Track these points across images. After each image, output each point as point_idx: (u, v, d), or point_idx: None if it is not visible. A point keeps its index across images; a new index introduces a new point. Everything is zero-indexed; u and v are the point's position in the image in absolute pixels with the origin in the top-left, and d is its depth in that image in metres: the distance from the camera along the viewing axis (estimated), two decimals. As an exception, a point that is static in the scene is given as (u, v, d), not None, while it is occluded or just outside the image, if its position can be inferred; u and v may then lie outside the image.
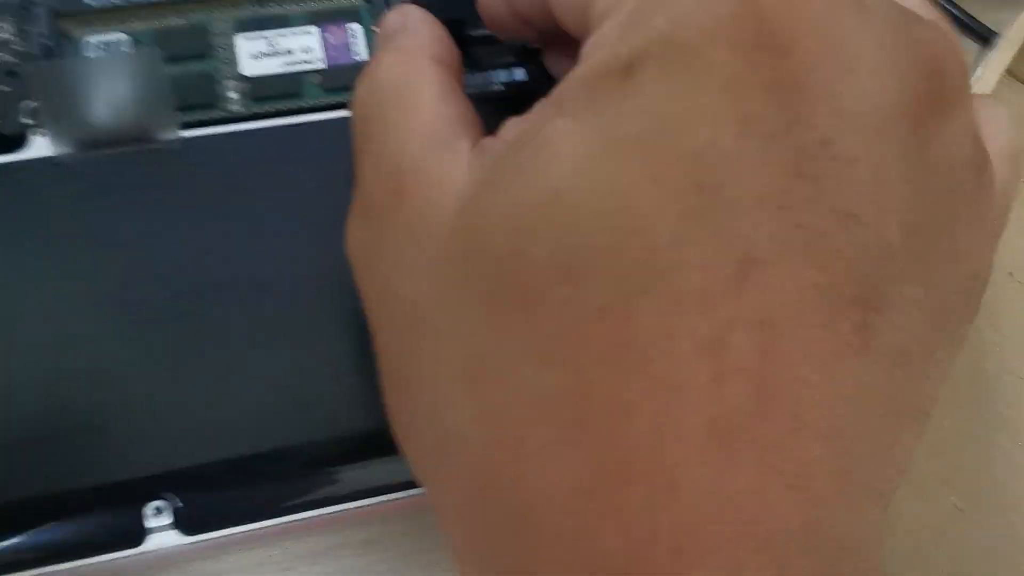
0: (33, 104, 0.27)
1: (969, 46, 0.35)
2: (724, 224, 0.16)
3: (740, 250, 0.16)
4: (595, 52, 0.18)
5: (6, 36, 0.28)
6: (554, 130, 0.17)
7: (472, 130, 0.20)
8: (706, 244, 0.16)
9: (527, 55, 0.29)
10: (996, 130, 0.20)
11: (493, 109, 0.21)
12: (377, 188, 0.21)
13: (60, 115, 0.25)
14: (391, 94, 0.21)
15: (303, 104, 0.28)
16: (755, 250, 0.16)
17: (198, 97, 0.28)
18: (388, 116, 0.21)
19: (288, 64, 0.29)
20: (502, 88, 0.29)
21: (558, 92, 0.18)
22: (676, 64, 0.16)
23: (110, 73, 0.25)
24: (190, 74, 0.28)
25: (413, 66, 0.22)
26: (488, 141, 0.19)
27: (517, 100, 0.21)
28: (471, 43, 0.28)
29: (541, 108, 0.18)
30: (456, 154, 0.19)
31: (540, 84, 0.24)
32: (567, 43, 0.24)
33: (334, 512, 0.26)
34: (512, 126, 0.19)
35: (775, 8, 0.16)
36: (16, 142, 0.27)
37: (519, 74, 0.29)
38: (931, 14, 0.19)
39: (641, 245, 0.16)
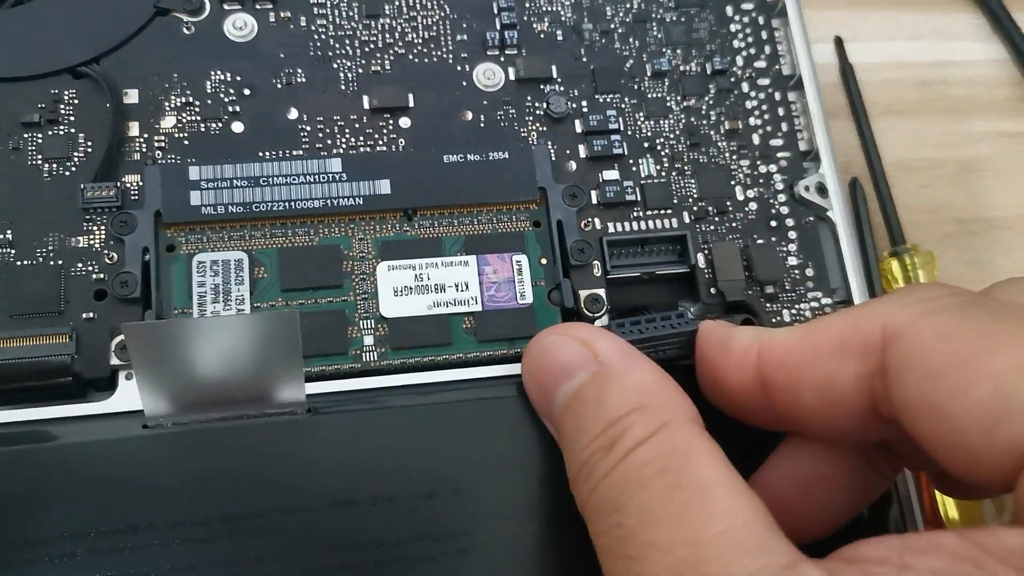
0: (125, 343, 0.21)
1: None
2: None
3: None
4: None
5: (96, 244, 0.23)
6: None
7: (788, 539, 0.15)
8: None
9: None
10: None
11: None
12: None
13: (160, 378, 0.20)
14: (667, 481, 0.16)
15: (449, 356, 0.23)
16: None
17: (326, 343, 0.22)
18: (675, 517, 0.16)
19: (436, 305, 0.23)
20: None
21: (1013, 553, 0.13)
22: None
23: (229, 336, 0.19)
24: (318, 311, 0.23)
25: (682, 439, 0.17)
26: None
27: None
28: None
29: (985, 568, 0.14)
30: None
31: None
32: (817, 435, 0.20)
33: None
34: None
35: None
36: (103, 386, 0.22)
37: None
38: None
39: None
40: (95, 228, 0.23)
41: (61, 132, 0.23)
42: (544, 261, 0.24)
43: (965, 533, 0.14)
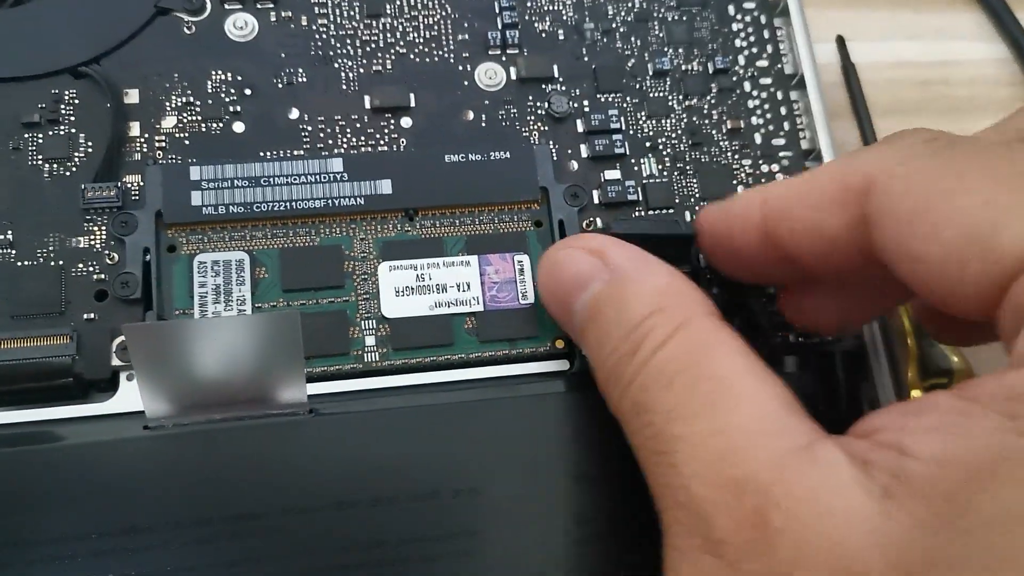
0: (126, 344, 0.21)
1: None
2: None
3: None
4: None
5: (97, 245, 0.22)
6: None
7: (810, 419, 0.16)
8: None
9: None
10: None
11: None
12: (729, 516, 0.15)
13: (161, 379, 0.19)
14: (691, 377, 0.17)
15: (451, 356, 0.23)
16: None
17: (328, 344, 0.22)
18: (701, 409, 0.17)
19: (438, 305, 0.23)
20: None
21: (1006, 403, 0.14)
22: None
23: (230, 336, 0.19)
24: (319, 312, 0.22)
25: (701, 336, 0.18)
26: (875, 453, 0.15)
27: None
28: None
29: (981, 418, 0.14)
30: (827, 467, 0.15)
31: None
32: (815, 286, 0.21)
33: None
34: (922, 436, 0.15)
35: None
36: (104, 387, 0.22)
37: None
38: None
39: None
40: (96, 228, 0.23)
41: (61, 132, 0.23)
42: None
43: (957, 389, 0.15)
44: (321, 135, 0.24)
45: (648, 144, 0.26)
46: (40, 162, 0.23)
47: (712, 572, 0.16)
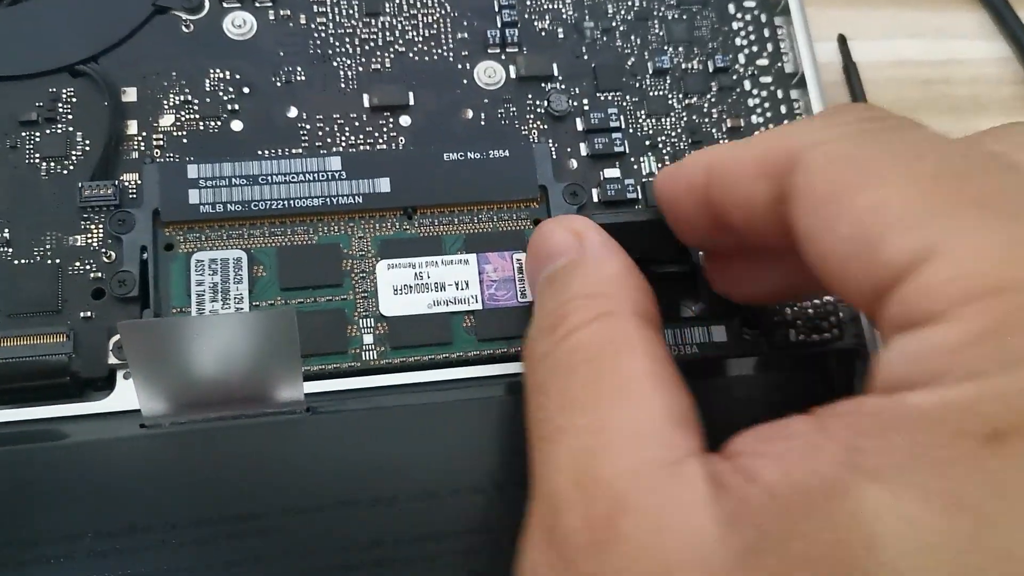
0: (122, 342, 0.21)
1: None
2: None
3: None
4: (933, 375, 0.13)
5: (94, 243, 0.22)
6: (867, 504, 0.12)
7: (694, 434, 0.16)
8: None
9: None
10: None
11: None
12: (578, 514, 0.15)
13: (157, 377, 0.19)
14: (592, 369, 0.17)
15: (449, 355, 0.23)
16: None
17: (326, 342, 0.22)
18: (589, 404, 0.16)
19: (436, 303, 0.23)
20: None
21: (850, 432, 0.13)
22: None
23: (227, 334, 0.19)
24: (317, 310, 0.22)
25: (618, 330, 0.17)
26: (731, 476, 0.14)
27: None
28: None
29: (821, 449, 0.13)
30: (685, 485, 0.15)
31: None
32: (748, 254, 0.21)
33: None
34: (768, 462, 0.14)
35: None
36: (101, 385, 0.21)
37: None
38: None
39: None
40: (93, 227, 0.23)
41: (59, 131, 0.23)
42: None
43: (817, 412, 0.14)
44: (320, 133, 0.24)
45: (648, 143, 0.26)
46: (37, 160, 0.23)
47: (549, 565, 0.16)
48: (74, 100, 0.24)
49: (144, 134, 0.24)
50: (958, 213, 0.14)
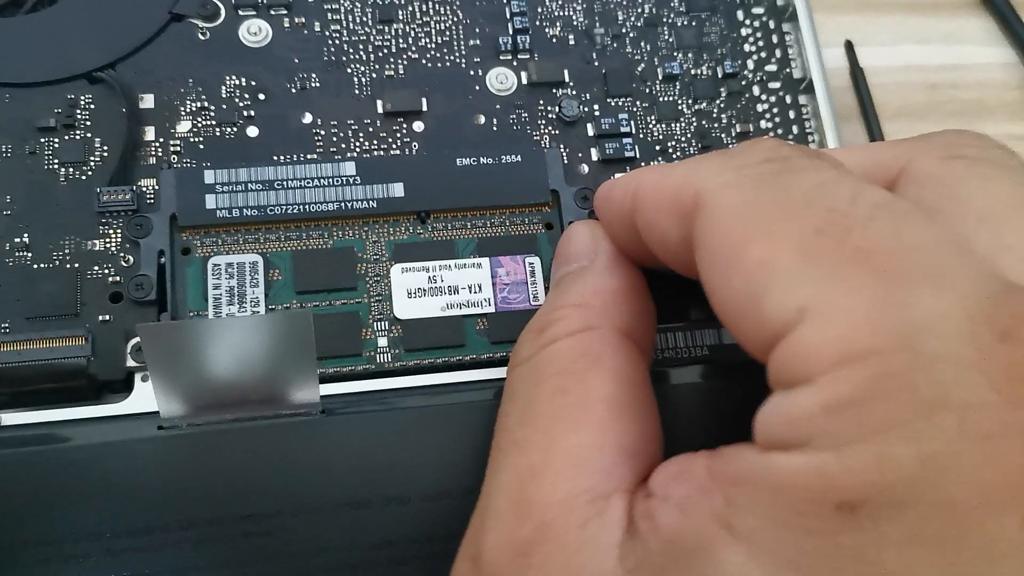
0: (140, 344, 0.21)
1: None
2: None
3: None
4: (796, 442, 0.13)
5: (112, 248, 0.23)
6: (727, 565, 0.13)
7: (640, 465, 0.16)
8: None
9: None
10: None
11: None
12: (503, 534, 0.16)
13: (174, 379, 0.20)
14: (558, 383, 0.17)
15: (462, 357, 0.23)
16: None
17: (340, 345, 0.22)
18: (543, 422, 0.17)
19: (450, 306, 0.23)
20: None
21: (730, 484, 0.13)
22: (929, 532, 0.11)
23: (243, 336, 0.19)
24: (332, 313, 0.23)
25: (594, 345, 0.17)
26: (642, 521, 0.15)
27: None
28: None
29: (706, 497, 0.14)
30: (604, 525, 0.15)
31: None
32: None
33: None
34: (668, 507, 0.14)
35: None
36: (118, 387, 0.22)
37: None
38: None
39: None
40: (111, 231, 0.23)
41: (77, 137, 0.24)
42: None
43: (715, 454, 0.14)
44: (334, 139, 0.25)
45: (658, 147, 0.26)
46: (56, 166, 0.23)
47: (464, 566, 0.16)
48: (92, 107, 0.24)
49: (161, 140, 0.24)
50: (835, 271, 0.13)
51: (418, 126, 0.25)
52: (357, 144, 0.25)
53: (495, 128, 0.26)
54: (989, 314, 0.12)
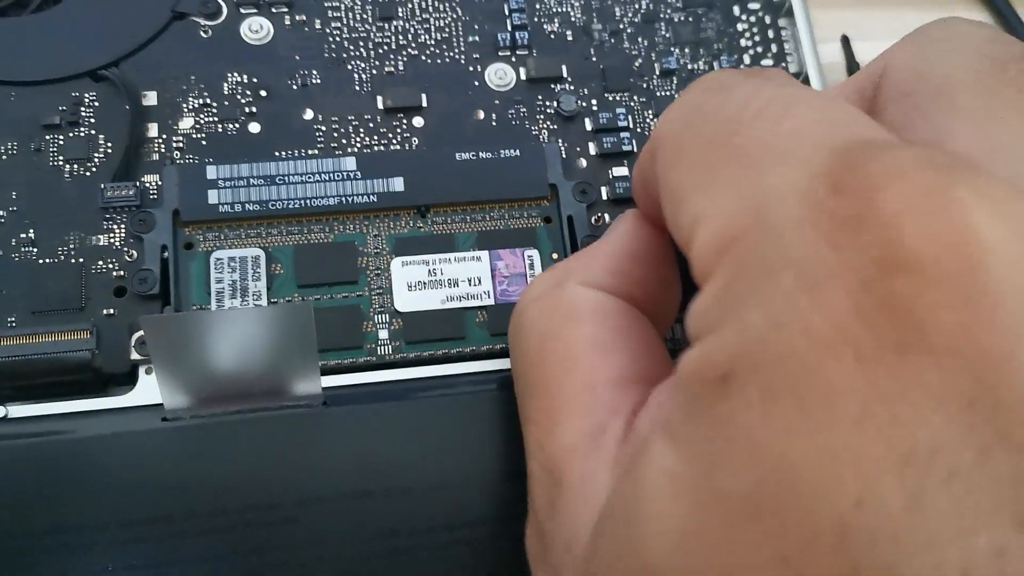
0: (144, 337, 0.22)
1: None
2: None
3: None
4: (695, 338, 0.14)
5: (116, 243, 0.23)
6: (651, 465, 0.13)
7: (634, 395, 0.16)
8: None
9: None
10: None
11: None
12: (541, 493, 0.17)
13: (178, 371, 0.20)
14: (540, 350, 0.18)
15: (463, 349, 0.23)
16: None
17: (342, 338, 0.23)
18: (539, 387, 0.18)
19: (450, 299, 0.23)
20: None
21: (667, 388, 0.15)
22: (779, 385, 0.12)
23: (245, 328, 0.20)
24: (333, 306, 0.23)
25: (561, 301, 0.18)
26: (631, 435, 0.16)
27: None
28: None
29: (660, 402, 0.15)
30: (602, 452, 0.16)
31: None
32: None
33: None
34: (642, 415, 0.16)
35: (929, 286, 0.11)
36: (123, 380, 0.22)
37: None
38: None
39: None
40: (115, 227, 0.23)
41: (81, 134, 0.24)
42: (555, 256, 0.24)
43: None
44: (335, 135, 0.25)
45: (656, 142, 0.26)
46: (61, 163, 0.24)
47: (533, 540, 0.18)
48: (96, 104, 0.24)
49: (164, 136, 0.24)
50: (717, 175, 0.14)
51: (418, 122, 0.25)
52: (358, 140, 0.25)
53: (494, 123, 0.26)
54: (826, 172, 0.12)
